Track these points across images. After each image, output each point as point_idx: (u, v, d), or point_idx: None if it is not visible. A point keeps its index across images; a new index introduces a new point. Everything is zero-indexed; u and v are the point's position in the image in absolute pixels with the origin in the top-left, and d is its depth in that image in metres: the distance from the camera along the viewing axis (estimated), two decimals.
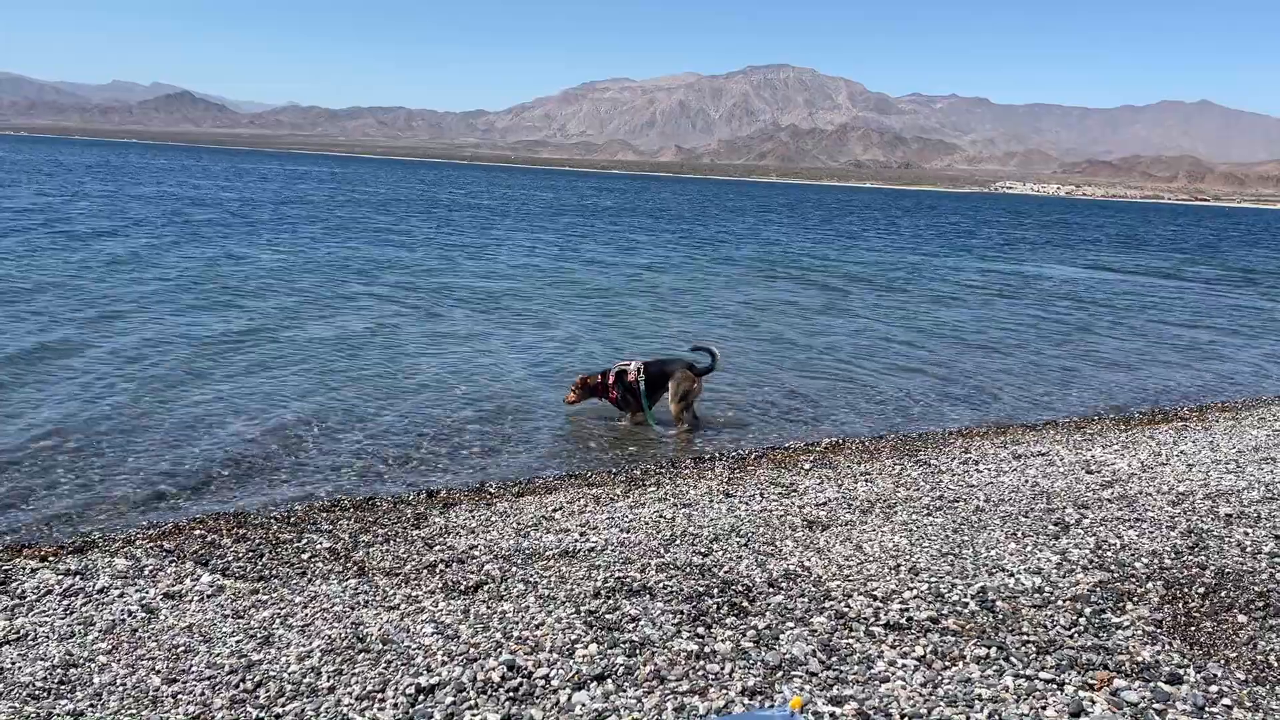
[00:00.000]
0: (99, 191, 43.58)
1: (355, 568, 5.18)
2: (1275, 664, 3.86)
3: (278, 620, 4.38)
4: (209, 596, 4.70)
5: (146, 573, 5.03)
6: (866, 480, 7.33)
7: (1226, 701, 3.50)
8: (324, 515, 6.28)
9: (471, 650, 3.96)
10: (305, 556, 5.39)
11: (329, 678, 3.77)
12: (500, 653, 3.92)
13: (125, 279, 16.98)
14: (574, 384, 9.57)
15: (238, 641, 4.13)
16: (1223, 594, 4.61)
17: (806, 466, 7.91)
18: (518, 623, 4.26)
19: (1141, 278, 30.80)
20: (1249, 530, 5.70)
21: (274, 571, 5.13)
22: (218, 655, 4.00)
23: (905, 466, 7.80)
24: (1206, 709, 3.43)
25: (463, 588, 4.79)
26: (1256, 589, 4.67)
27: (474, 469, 7.77)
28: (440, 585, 4.84)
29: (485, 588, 4.80)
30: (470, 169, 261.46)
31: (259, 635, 4.20)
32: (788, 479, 7.42)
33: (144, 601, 4.60)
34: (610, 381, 9.47)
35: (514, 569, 5.11)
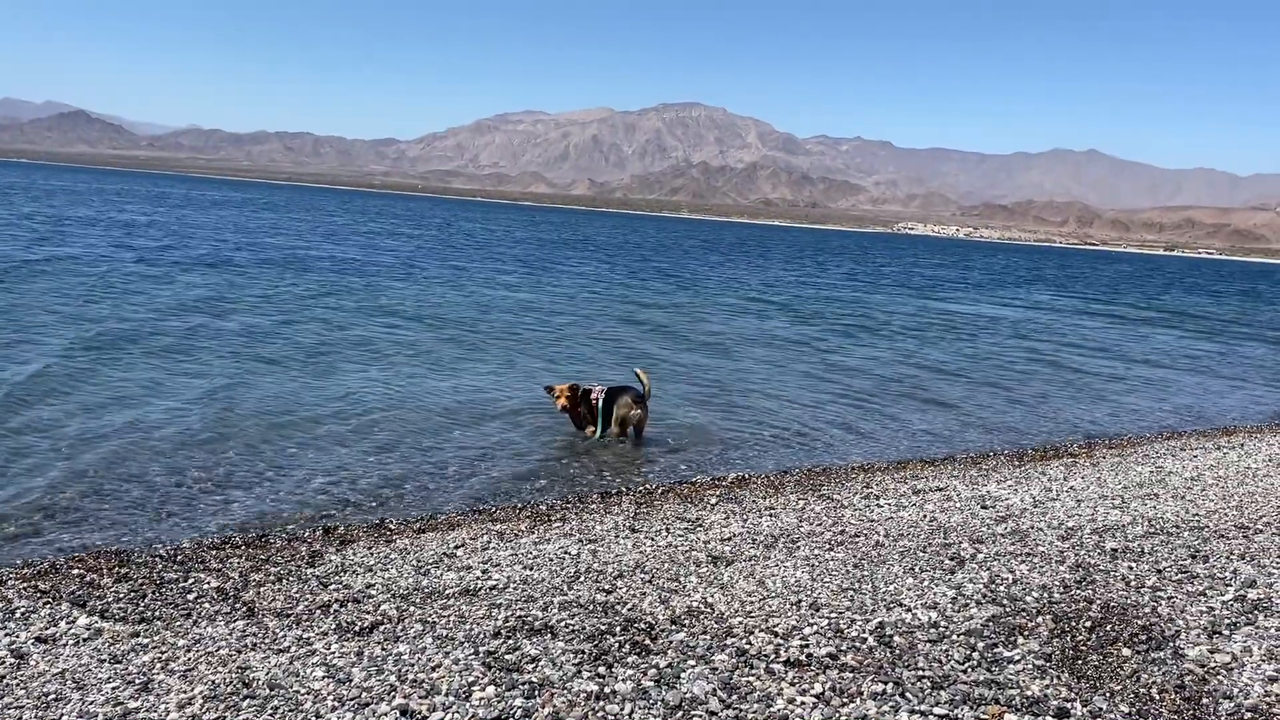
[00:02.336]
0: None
1: (244, 608, 4.98)
2: (1157, 696, 3.99)
3: (159, 665, 4.17)
4: (85, 640, 4.46)
5: (18, 615, 4.75)
6: (771, 515, 7.39)
7: None
8: (213, 553, 6.03)
9: (364, 695, 3.83)
10: (191, 597, 5.17)
11: None
12: (394, 697, 3.80)
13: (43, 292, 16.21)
14: (564, 389, 10.25)
15: (114, 688, 3.92)
16: (1108, 627, 4.75)
17: (713, 501, 7.94)
18: (413, 665, 4.14)
19: (1049, 315, 31.99)
20: (1133, 564, 5.91)
21: (157, 613, 4.89)
22: (91, 703, 3.78)
23: (809, 501, 7.90)
24: None
25: (357, 629, 4.64)
26: (1140, 622, 4.84)
27: (375, 504, 7.58)
28: (334, 626, 4.68)
29: (381, 628, 4.66)
30: (379, 196, 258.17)
31: (137, 681, 3.99)
32: (694, 514, 7.44)
33: (13, 646, 4.34)
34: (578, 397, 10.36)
35: (412, 608, 4.98)
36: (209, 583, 5.41)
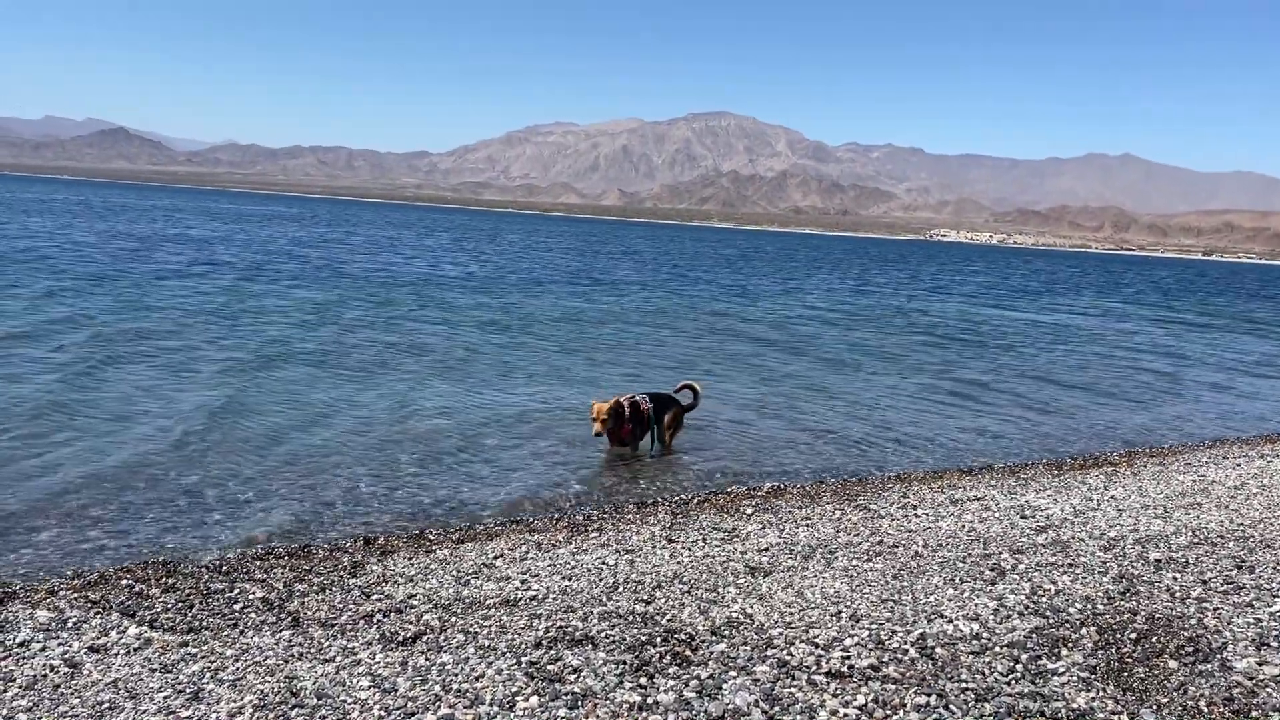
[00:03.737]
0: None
1: (289, 618, 5.05)
2: (1205, 709, 3.94)
3: (208, 674, 4.24)
4: (135, 650, 4.54)
5: (70, 625, 4.85)
6: (808, 525, 7.38)
7: None
8: (257, 564, 6.12)
9: (409, 704, 3.87)
10: (237, 607, 5.25)
11: None
12: (439, 707, 3.84)
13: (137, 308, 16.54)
14: (603, 408, 9.70)
15: (165, 697, 3.99)
16: (1154, 639, 4.70)
17: (749, 511, 7.93)
18: (457, 675, 4.18)
19: (1090, 319, 31.62)
20: (1178, 575, 5.84)
21: (204, 623, 4.98)
22: (144, 712, 3.85)
23: (845, 511, 7.87)
24: None
25: (401, 639, 4.69)
26: (1186, 634, 4.78)
27: (414, 514, 7.65)
28: (378, 636, 4.74)
29: (424, 638, 4.71)
30: (414, 209, 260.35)
31: (188, 690, 4.06)
32: (730, 524, 7.43)
33: (67, 656, 4.43)
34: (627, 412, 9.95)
35: (454, 619, 5.02)
36: (254, 593, 5.49)
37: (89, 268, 26.07)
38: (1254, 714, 3.89)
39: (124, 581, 5.64)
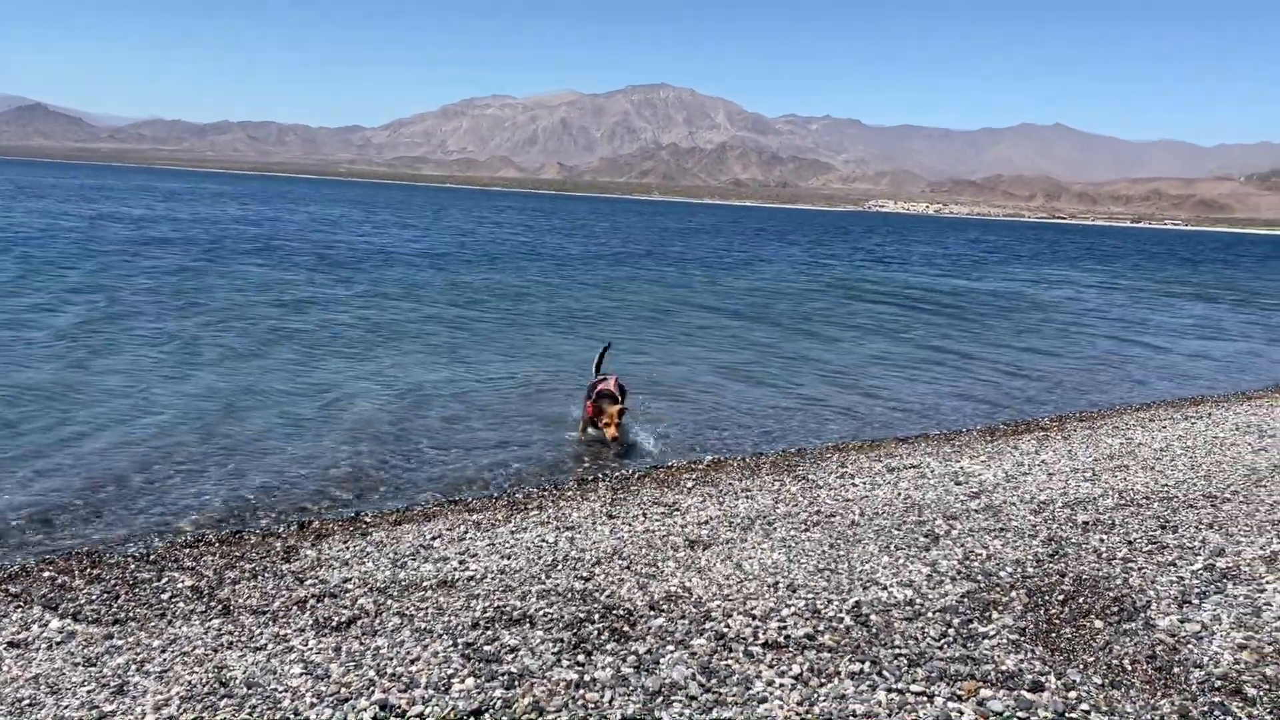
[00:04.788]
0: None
1: (220, 606, 4.94)
2: (1129, 667, 4.05)
3: (134, 667, 4.14)
4: (58, 644, 4.41)
5: None
6: (747, 497, 7.42)
7: (1085, 706, 3.65)
8: (187, 551, 5.98)
9: (342, 690, 3.82)
10: (165, 596, 5.12)
11: None
12: (373, 691, 3.79)
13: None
14: (615, 413, 9.11)
15: (89, 691, 3.89)
16: (1081, 600, 4.82)
17: (689, 485, 7.96)
18: (392, 659, 4.13)
19: (1023, 287, 32.21)
20: (1104, 537, 5.99)
21: (131, 614, 4.85)
22: (66, 708, 3.75)
23: (785, 482, 7.93)
24: (1066, 714, 3.57)
25: (335, 624, 4.62)
26: (1111, 594, 4.91)
27: (350, 497, 7.54)
28: (311, 622, 4.66)
29: (359, 623, 4.64)
30: (350, 185, 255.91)
31: (112, 684, 3.96)
32: (671, 498, 7.45)
33: None
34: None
35: (389, 602, 4.96)
36: (183, 581, 5.36)
37: (39, 250, 25.15)
38: (1175, 670, 4.00)
39: (46, 574, 5.47)
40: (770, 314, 22.16)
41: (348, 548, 6.06)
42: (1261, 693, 3.77)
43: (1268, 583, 5.05)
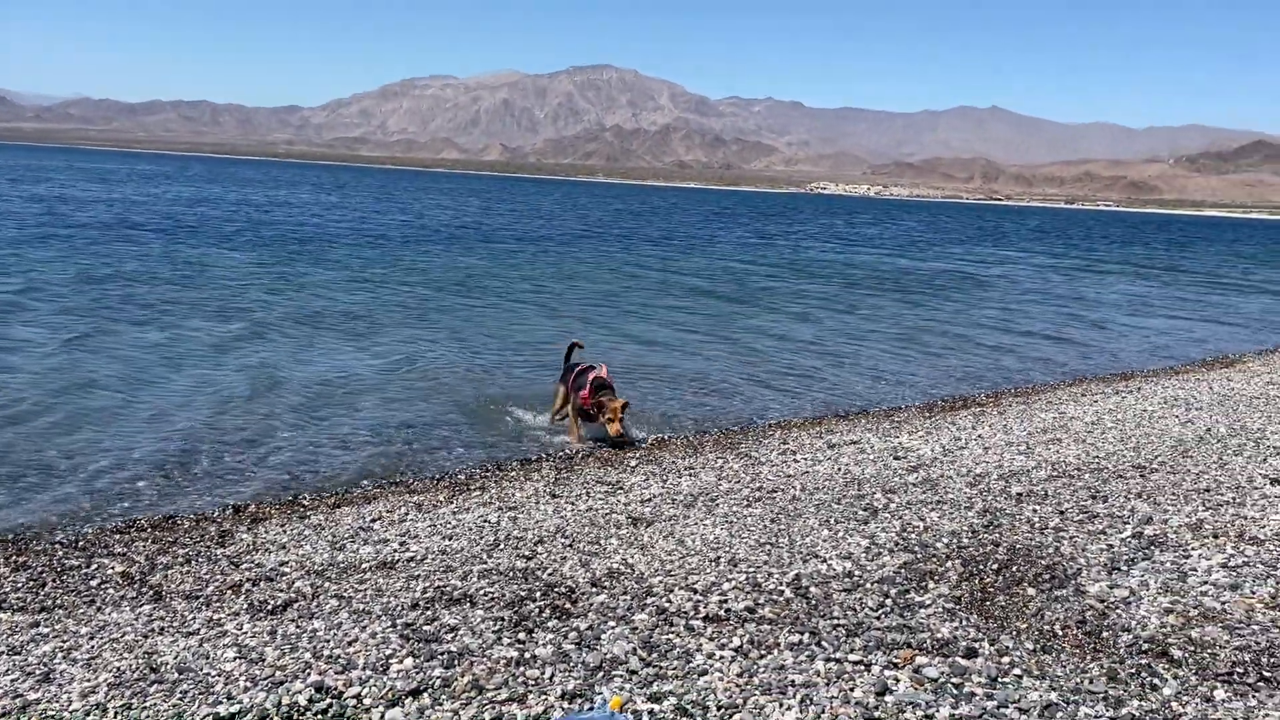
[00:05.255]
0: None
1: (151, 592, 4.83)
2: (1060, 632, 4.14)
3: (60, 654, 4.02)
4: None
5: None
6: (691, 474, 7.45)
7: (1017, 671, 3.72)
8: (117, 537, 5.84)
9: (277, 674, 3.75)
10: (94, 583, 4.99)
11: (116, 713, 3.48)
12: (309, 674, 3.73)
13: None
14: (618, 406, 8.54)
15: (12, 681, 3.77)
16: (1014, 569, 4.92)
17: (633, 464, 7.97)
18: (329, 641, 4.07)
19: (965, 266, 32.71)
20: (1037, 507, 6.12)
21: (58, 601, 4.72)
22: None
23: (728, 459, 7.98)
24: (999, 679, 3.64)
25: (270, 607, 4.54)
26: (1044, 562, 5.01)
27: (288, 479, 7.41)
28: (246, 606, 4.57)
29: (295, 606, 4.57)
30: (288, 166, 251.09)
31: (38, 672, 3.84)
32: (614, 476, 7.45)
33: None
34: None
35: (327, 584, 4.89)
36: (113, 568, 5.23)
37: None
38: (1104, 634, 4.10)
39: None
40: (719, 293, 22.24)
41: (285, 531, 5.96)
42: (1187, 654, 3.88)
43: (1193, 549, 5.20)
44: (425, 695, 3.54)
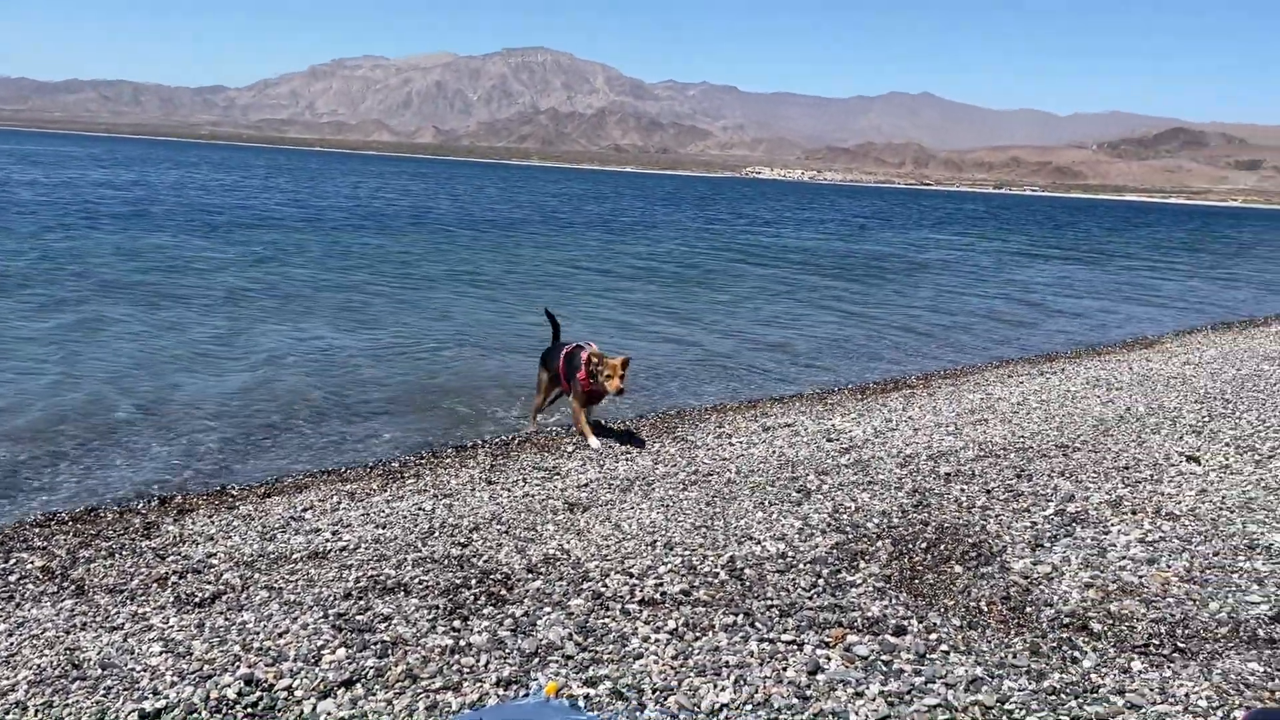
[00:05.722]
0: None
1: (74, 587, 4.70)
2: (986, 608, 4.25)
3: None
4: None
5: None
6: (627, 459, 7.47)
7: (944, 647, 3.81)
8: (36, 531, 5.66)
9: (205, 667, 3.68)
10: (13, 579, 4.84)
11: (37, 712, 3.39)
12: (238, 667, 3.67)
13: None
14: (618, 363, 7.64)
15: None
16: (942, 547, 5.03)
17: (569, 449, 7.96)
18: (259, 633, 4.00)
19: (930, 251, 33.17)
20: (964, 487, 6.27)
21: None
22: None
23: (664, 443, 8.01)
24: (927, 655, 3.73)
25: (198, 600, 4.45)
26: (970, 540, 5.14)
27: (215, 470, 7.25)
28: (172, 599, 4.48)
29: (224, 598, 4.48)
30: (215, 148, 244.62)
31: None
32: (551, 462, 7.44)
33: None
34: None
35: (257, 575, 4.81)
36: (33, 562, 5.07)
37: None
38: (1028, 610, 4.23)
39: None
40: (659, 277, 22.26)
41: (213, 522, 5.84)
42: (1105, 627, 4.02)
43: (1112, 525, 5.38)
44: (358, 685, 3.50)
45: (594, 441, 7.92)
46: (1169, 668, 3.62)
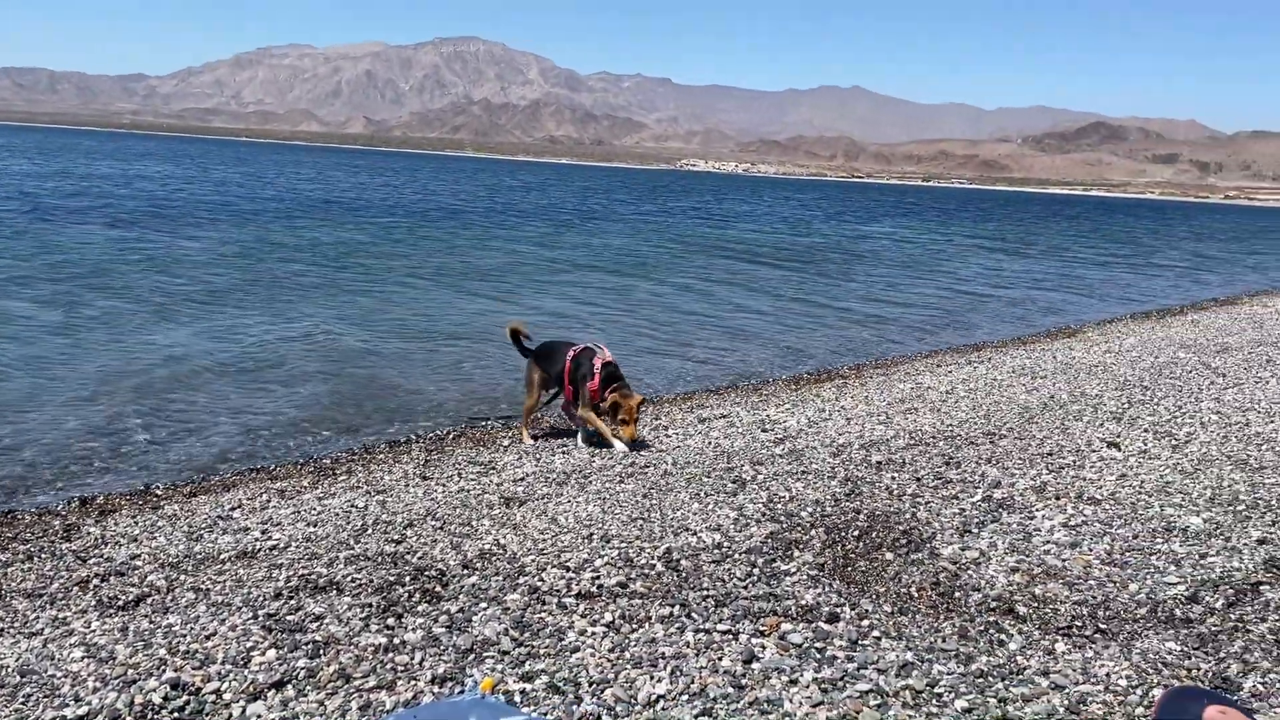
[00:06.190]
0: None
1: None
2: (916, 594, 4.33)
3: None
4: None
5: None
6: (564, 452, 7.45)
7: (876, 633, 3.88)
8: None
9: (129, 672, 3.58)
10: None
11: None
12: (164, 671, 3.58)
13: None
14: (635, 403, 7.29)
15: None
16: (874, 534, 5.11)
17: (506, 443, 7.92)
18: (185, 635, 3.91)
19: (867, 241, 33.56)
20: (895, 475, 6.38)
21: None
22: None
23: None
24: (859, 642, 3.79)
25: (121, 603, 4.33)
26: (901, 527, 5.23)
27: (138, 469, 7.06)
28: (94, 603, 4.35)
29: (149, 600, 4.37)
30: (137, 138, 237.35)
31: None
32: (486, 456, 7.39)
33: None
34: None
35: (183, 577, 4.69)
36: None
37: None
38: (956, 594, 4.32)
39: None
40: (598, 269, 22.22)
41: (136, 523, 5.69)
42: (1030, 610, 4.12)
43: (1037, 510, 5.52)
44: (289, 687, 3.44)
45: (620, 446, 7.30)
46: (1091, 648, 3.73)
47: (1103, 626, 3.94)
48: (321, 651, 3.72)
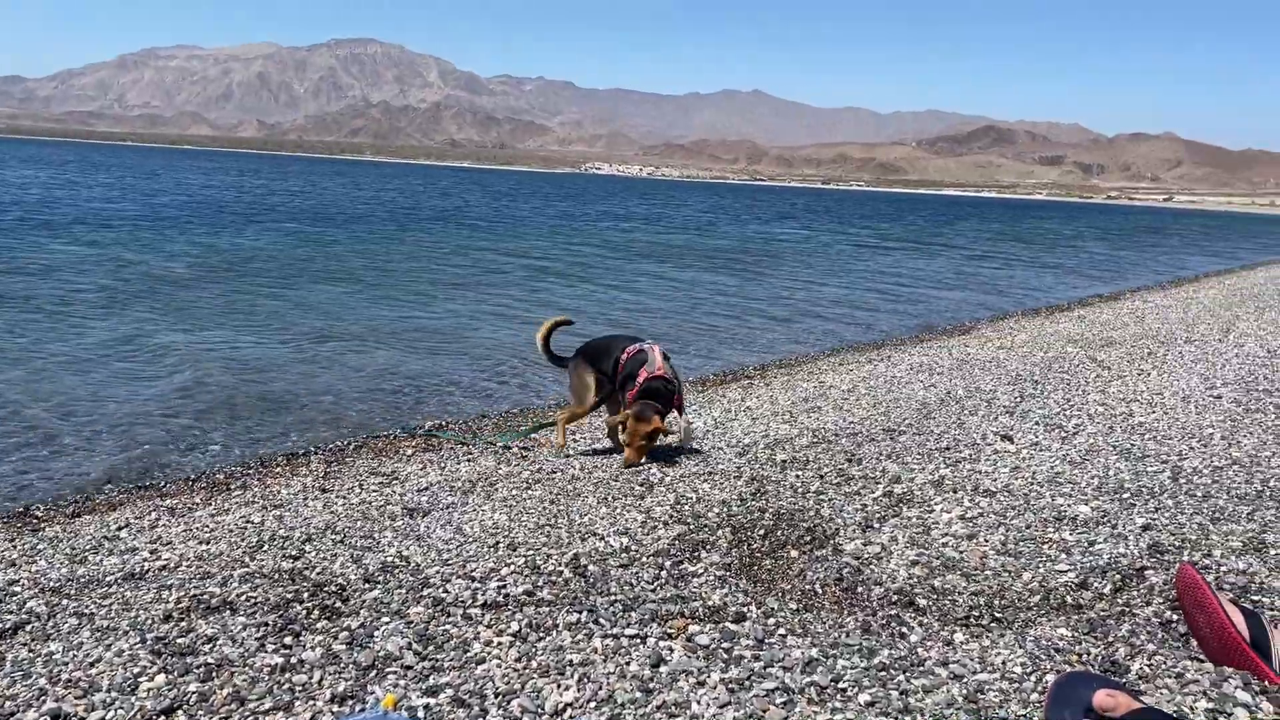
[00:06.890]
0: None
1: None
2: (820, 591, 4.39)
3: None
4: None
5: None
6: (469, 460, 7.35)
7: (782, 631, 3.91)
8: None
9: (6, 704, 3.38)
10: None
11: None
12: (44, 701, 3.39)
13: None
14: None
15: None
16: (779, 533, 5.17)
17: (409, 452, 7.77)
18: (68, 663, 3.71)
19: (778, 243, 33.92)
20: (800, 473, 6.46)
21: None
22: None
23: (508, 443, 7.92)
24: (766, 640, 3.81)
25: None
26: (805, 525, 5.30)
27: (15, 489, 6.70)
28: None
29: (27, 628, 4.14)
30: (10, 142, 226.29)
31: None
32: (389, 467, 7.24)
33: None
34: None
35: (65, 602, 4.46)
36: None
37: None
38: (859, 590, 4.39)
39: None
40: (508, 272, 22.01)
41: (14, 546, 5.39)
42: (930, 602, 4.21)
43: (935, 504, 5.66)
44: (180, 713, 3.30)
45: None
46: (988, 637, 3.83)
47: (998, 615, 4.05)
48: (214, 674, 3.58)
